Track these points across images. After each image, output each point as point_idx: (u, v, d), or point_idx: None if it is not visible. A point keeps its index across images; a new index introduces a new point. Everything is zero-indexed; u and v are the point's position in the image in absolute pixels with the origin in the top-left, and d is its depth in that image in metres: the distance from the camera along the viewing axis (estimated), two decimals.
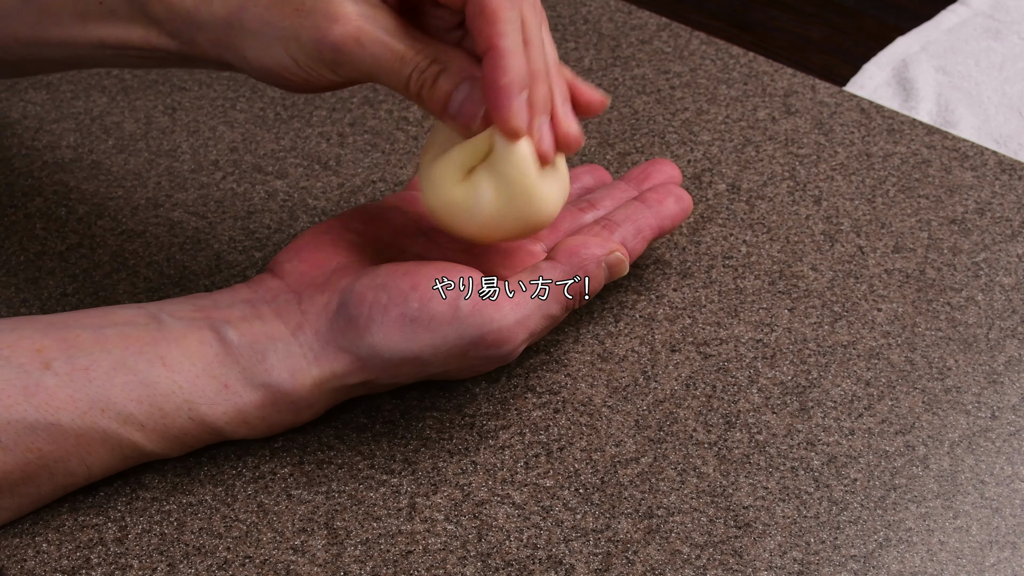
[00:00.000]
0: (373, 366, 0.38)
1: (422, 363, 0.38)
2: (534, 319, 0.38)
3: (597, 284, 0.40)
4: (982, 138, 0.57)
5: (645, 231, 0.44)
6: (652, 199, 0.45)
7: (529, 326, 0.38)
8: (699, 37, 0.62)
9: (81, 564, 0.37)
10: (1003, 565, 0.37)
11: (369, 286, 0.38)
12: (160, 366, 0.37)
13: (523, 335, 0.38)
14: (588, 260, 0.40)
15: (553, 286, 0.39)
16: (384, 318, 0.37)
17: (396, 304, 0.37)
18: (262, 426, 0.39)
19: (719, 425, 0.42)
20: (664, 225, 0.45)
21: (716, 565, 0.37)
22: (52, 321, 0.38)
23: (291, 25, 0.37)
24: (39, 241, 0.49)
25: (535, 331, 0.39)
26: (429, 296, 0.37)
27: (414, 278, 0.38)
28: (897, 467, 0.40)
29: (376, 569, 0.37)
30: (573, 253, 0.40)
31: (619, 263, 0.41)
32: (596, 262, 0.40)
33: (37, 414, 0.36)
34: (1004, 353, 0.45)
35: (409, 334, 0.37)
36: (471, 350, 0.38)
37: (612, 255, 0.41)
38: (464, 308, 0.37)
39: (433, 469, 0.40)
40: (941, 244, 0.49)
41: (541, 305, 0.39)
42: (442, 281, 0.38)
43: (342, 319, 0.38)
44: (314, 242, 0.41)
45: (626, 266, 0.41)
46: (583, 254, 0.40)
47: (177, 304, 0.40)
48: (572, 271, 0.40)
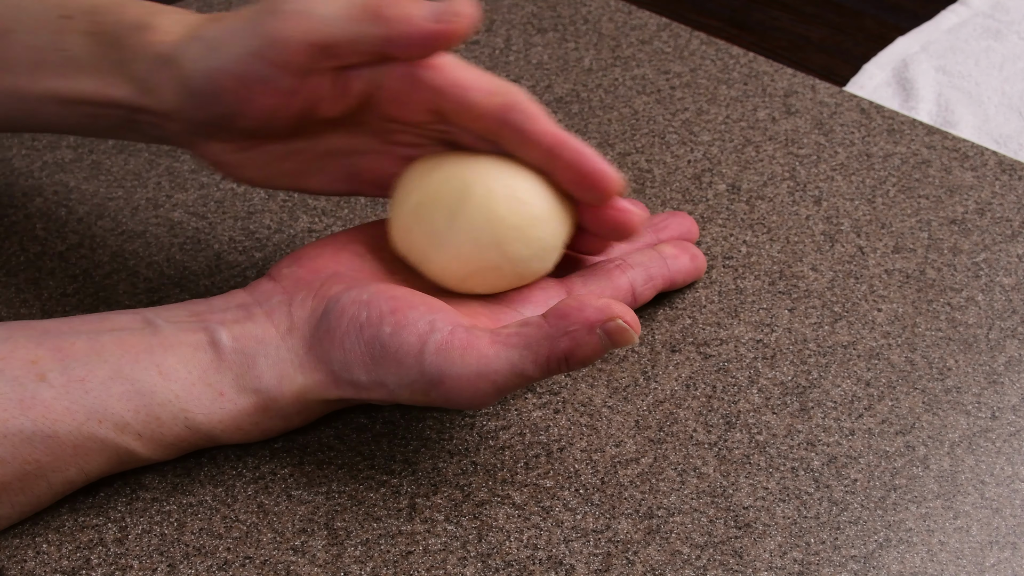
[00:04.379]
0: (344, 383, 0.37)
1: (389, 391, 0.37)
2: (502, 375, 0.36)
3: (591, 352, 0.35)
4: (982, 138, 0.57)
5: (656, 279, 0.44)
6: (668, 252, 0.45)
7: (495, 381, 0.36)
8: (699, 37, 0.62)
9: (81, 564, 0.37)
10: (1003, 565, 0.37)
11: (354, 300, 0.37)
12: (156, 374, 0.37)
13: (486, 388, 0.36)
14: (577, 325, 0.35)
15: (532, 346, 0.36)
16: (359, 337, 0.37)
17: (372, 324, 0.37)
18: (256, 432, 0.39)
19: (719, 425, 0.42)
20: (676, 279, 0.45)
21: (716, 565, 0.37)
22: (47, 328, 0.38)
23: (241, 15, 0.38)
24: (39, 241, 0.49)
25: (503, 387, 0.36)
26: (403, 324, 0.36)
27: (396, 303, 0.37)
28: (897, 467, 0.40)
29: (376, 569, 0.37)
30: (564, 315, 0.36)
31: (620, 331, 0.35)
32: (587, 328, 0.35)
33: (34, 426, 0.35)
34: (1004, 353, 0.45)
35: (377, 358, 0.36)
36: (432, 391, 0.36)
37: (612, 322, 0.35)
38: (430, 346, 0.36)
39: (433, 469, 0.40)
40: (941, 244, 0.49)
41: (513, 364, 0.36)
42: (421, 314, 0.37)
43: (322, 328, 0.38)
44: (316, 250, 0.41)
45: (631, 336, 0.35)
46: (573, 317, 0.35)
47: (173, 310, 0.39)
48: (558, 334, 0.35)
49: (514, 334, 0.36)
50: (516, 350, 0.36)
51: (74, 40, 0.40)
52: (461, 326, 0.37)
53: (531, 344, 0.36)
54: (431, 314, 0.37)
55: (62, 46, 0.40)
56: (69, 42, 0.40)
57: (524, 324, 0.37)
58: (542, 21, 0.63)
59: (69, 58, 0.40)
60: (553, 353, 0.36)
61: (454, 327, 0.36)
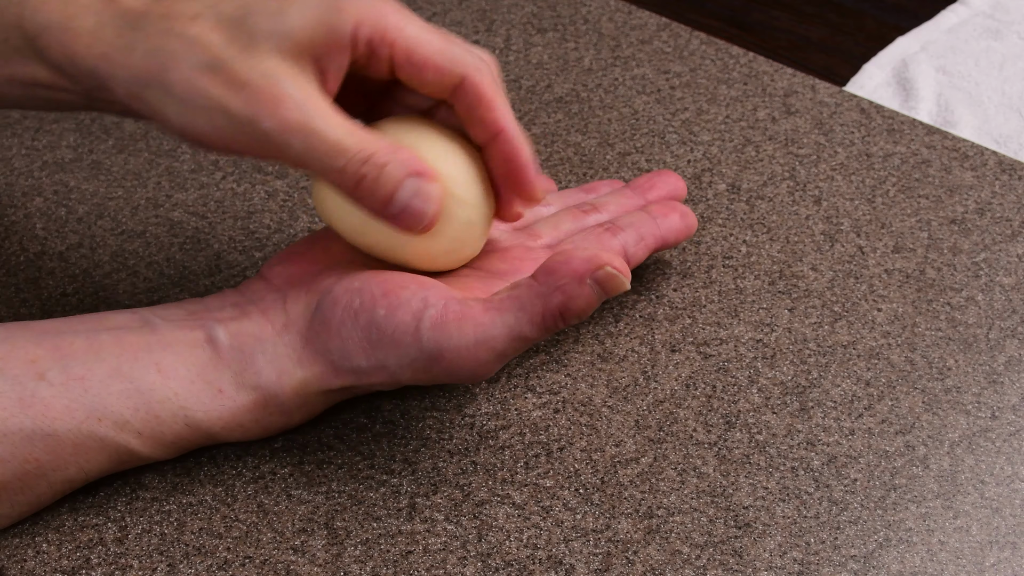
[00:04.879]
0: (345, 371, 0.38)
1: (390, 373, 0.37)
2: (501, 341, 0.36)
3: (584, 303, 0.36)
4: (982, 138, 0.57)
5: (648, 239, 0.44)
6: (657, 212, 0.45)
7: (495, 348, 0.36)
8: (699, 37, 0.62)
9: (81, 564, 0.37)
10: (1003, 565, 0.37)
11: (346, 289, 0.38)
12: (155, 372, 0.37)
13: (487, 356, 0.36)
14: (567, 278, 0.35)
15: (526, 307, 0.36)
16: (355, 323, 0.37)
17: (366, 309, 0.37)
18: (256, 429, 0.39)
19: (719, 425, 0.42)
20: (667, 238, 0.45)
21: (716, 565, 0.37)
22: (45, 328, 0.38)
23: (221, 95, 0.35)
24: (39, 241, 0.49)
25: (504, 352, 0.36)
26: (397, 304, 0.36)
27: (387, 285, 0.37)
28: (897, 467, 0.40)
29: (376, 569, 0.37)
30: (552, 271, 0.36)
31: (610, 278, 0.35)
32: (577, 279, 0.35)
33: (33, 425, 0.35)
34: (1004, 353, 0.45)
35: (375, 342, 0.37)
36: (433, 366, 0.36)
37: (601, 270, 0.35)
38: (426, 322, 0.36)
39: (433, 469, 0.40)
40: (941, 244, 0.49)
41: (510, 327, 0.36)
42: (413, 292, 0.37)
43: (318, 320, 0.38)
44: (305, 247, 0.41)
45: (623, 281, 0.36)
46: (562, 271, 0.36)
47: (169, 309, 0.39)
48: (549, 291, 0.36)
49: (506, 298, 0.36)
50: (511, 313, 0.36)
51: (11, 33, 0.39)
52: (454, 299, 0.37)
53: (524, 305, 0.36)
54: (423, 291, 0.37)
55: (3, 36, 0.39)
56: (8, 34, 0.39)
57: (515, 287, 0.37)
58: (542, 21, 0.63)
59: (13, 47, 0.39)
60: (548, 309, 0.36)
61: (447, 301, 0.37)
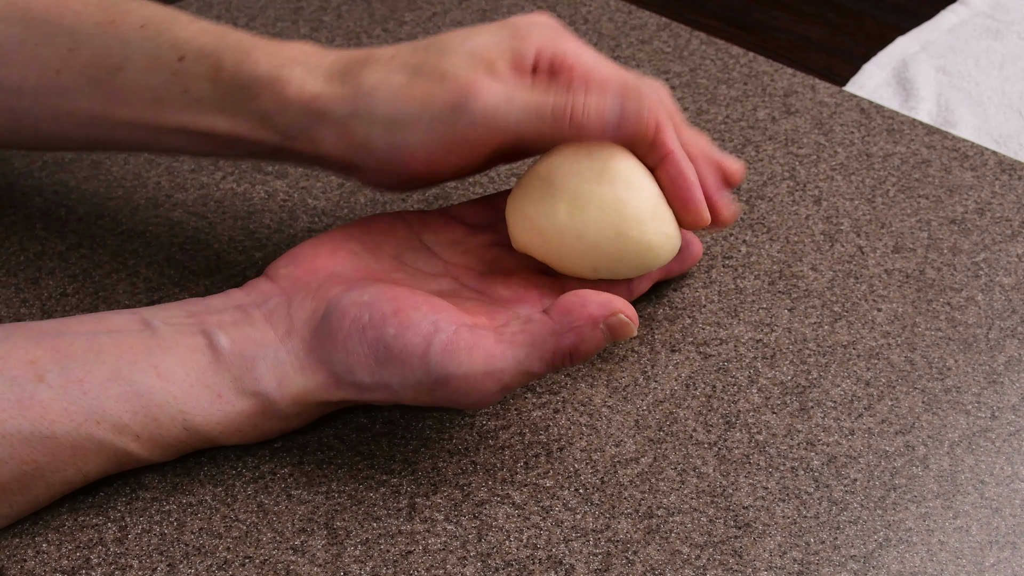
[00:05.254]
0: (346, 385, 0.37)
1: (392, 392, 0.37)
2: (508, 374, 0.36)
3: (594, 346, 0.37)
4: (982, 138, 0.57)
5: (653, 273, 0.45)
6: None
7: (501, 379, 0.36)
8: (699, 37, 0.62)
9: (81, 564, 0.37)
10: (1003, 565, 0.37)
11: (355, 302, 0.37)
12: (154, 376, 0.37)
13: (492, 387, 0.36)
14: (582, 320, 0.36)
15: (537, 343, 0.36)
16: (362, 338, 0.37)
17: (375, 326, 0.37)
18: (254, 434, 0.39)
19: (719, 425, 0.42)
20: (671, 269, 0.46)
21: (716, 565, 0.37)
22: (44, 329, 0.38)
23: (426, 90, 0.39)
24: (39, 241, 0.49)
25: (509, 385, 0.37)
26: (407, 325, 0.36)
27: (399, 303, 0.37)
28: (897, 467, 0.40)
29: (376, 569, 0.37)
30: (568, 311, 0.36)
31: (621, 326, 0.36)
32: (592, 323, 0.36)
33: (32, 426, 0.35)
34: (1004, 353, 0.45)
35: (381, 360, 0.36)
36: (437, 390, 0.36)
37: (614, 317, 0.36)
38: (436, 346, 0.36)
39: (433, 469, 0.40)
40: (941, 244, 0.49)
41: (519, 361, 0.36)
42: (424, 314, 0.37)
43: (323, 330, 0.38)
44: (312, 249, 0.41)
45: (632, 328, 0.37)
46: (578, 314, 0.36)
47: (170, 310, 0.39)
48: (563, 331, 0.36)
49: (519, 332, 0.36)
50: (522, 348, 0.36)
51: (197, 84, 0.41)
52: (465, 325, 0.37)
53: (536, 341, 0.36)
54: (434, 314, 0.37)
55: (184, 87, 0.41)
56: (191, 85, 0.41)
57: (528, 321, 0.37)
58: None
59: (194, 99, 0.41)
60: (559, 349, 0.36)
61: (458, 327, 0.36)
